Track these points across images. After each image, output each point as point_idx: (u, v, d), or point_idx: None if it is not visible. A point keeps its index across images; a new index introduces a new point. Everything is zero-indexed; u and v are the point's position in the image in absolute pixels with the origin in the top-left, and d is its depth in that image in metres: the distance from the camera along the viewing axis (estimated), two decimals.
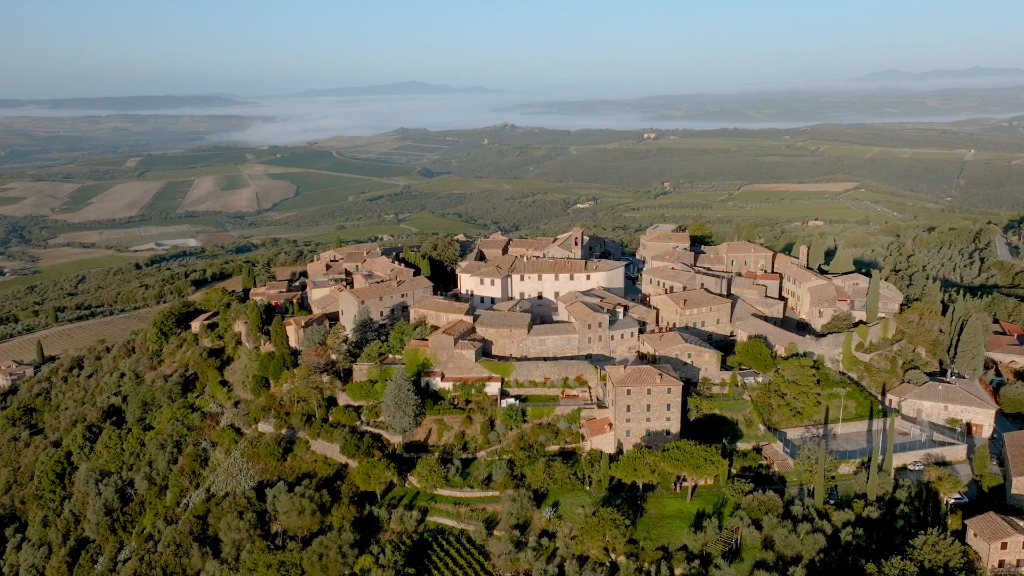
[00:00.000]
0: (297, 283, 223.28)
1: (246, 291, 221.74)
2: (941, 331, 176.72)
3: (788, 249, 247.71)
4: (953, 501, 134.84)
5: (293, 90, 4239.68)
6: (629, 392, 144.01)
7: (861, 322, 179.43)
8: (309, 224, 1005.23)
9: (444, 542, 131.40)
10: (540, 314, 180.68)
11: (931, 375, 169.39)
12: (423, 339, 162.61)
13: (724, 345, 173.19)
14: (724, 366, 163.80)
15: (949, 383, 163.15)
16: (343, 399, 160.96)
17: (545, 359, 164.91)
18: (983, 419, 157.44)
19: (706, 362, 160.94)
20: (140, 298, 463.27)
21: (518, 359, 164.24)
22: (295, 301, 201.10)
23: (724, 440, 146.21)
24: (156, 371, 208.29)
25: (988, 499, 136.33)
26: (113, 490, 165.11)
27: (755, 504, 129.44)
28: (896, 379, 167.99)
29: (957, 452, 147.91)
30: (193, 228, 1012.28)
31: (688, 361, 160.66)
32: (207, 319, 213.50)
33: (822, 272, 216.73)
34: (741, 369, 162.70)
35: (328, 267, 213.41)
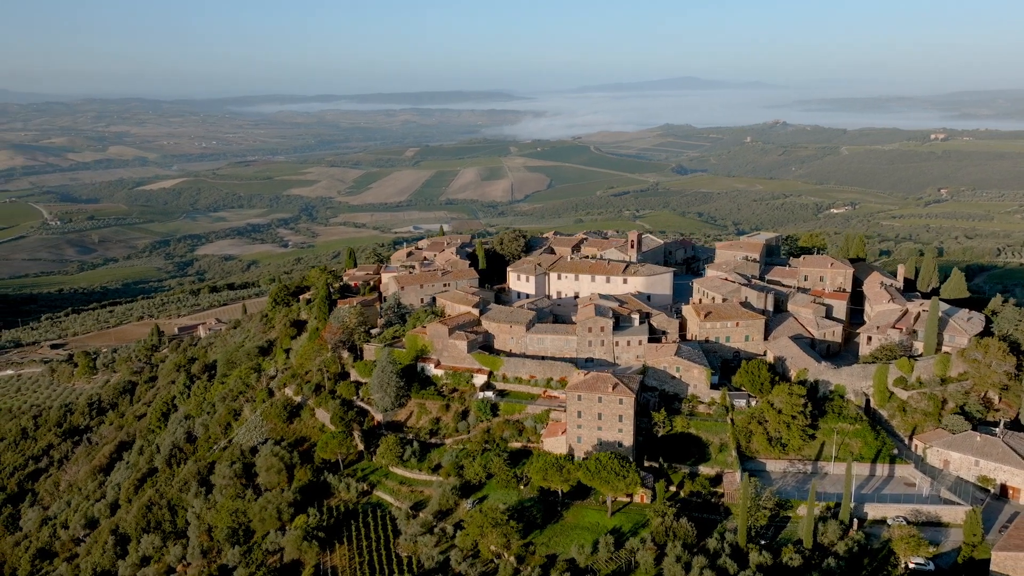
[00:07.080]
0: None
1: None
2: (1012, 375, 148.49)
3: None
4: (914, 565, 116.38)
5: (568, 86, 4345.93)
6: (580, 398, 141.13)
7: (922, 354, 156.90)
8: (552, 216, 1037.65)
9: (370, 516, 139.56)
10: (561, 314, 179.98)
11: (988, 424, 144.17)
12: (424, 327, 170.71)
13: None
14: (727, 385, 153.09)
15: (993, 435, 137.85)
16: (353, 375, 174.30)
17: (543, 358, 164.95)
18: (1021, 482, 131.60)
19: (695, 378, 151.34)
20: None
21: (516, 355, 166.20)
22: (370, 283, 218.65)
23: (660, 460, 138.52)
24: (264, 335, 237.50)
25: (959, 570, 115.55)
26: (183, 431, 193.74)
27: (661, 529, 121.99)
28: (933, 423, 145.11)
29: (957, 514, 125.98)
30: (448, 215, 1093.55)
31: (676, 375, 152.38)
32: (311, 293, 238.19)
33: (934, 294, 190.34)
34: (733, 390, 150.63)
35: (409, 255, 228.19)
